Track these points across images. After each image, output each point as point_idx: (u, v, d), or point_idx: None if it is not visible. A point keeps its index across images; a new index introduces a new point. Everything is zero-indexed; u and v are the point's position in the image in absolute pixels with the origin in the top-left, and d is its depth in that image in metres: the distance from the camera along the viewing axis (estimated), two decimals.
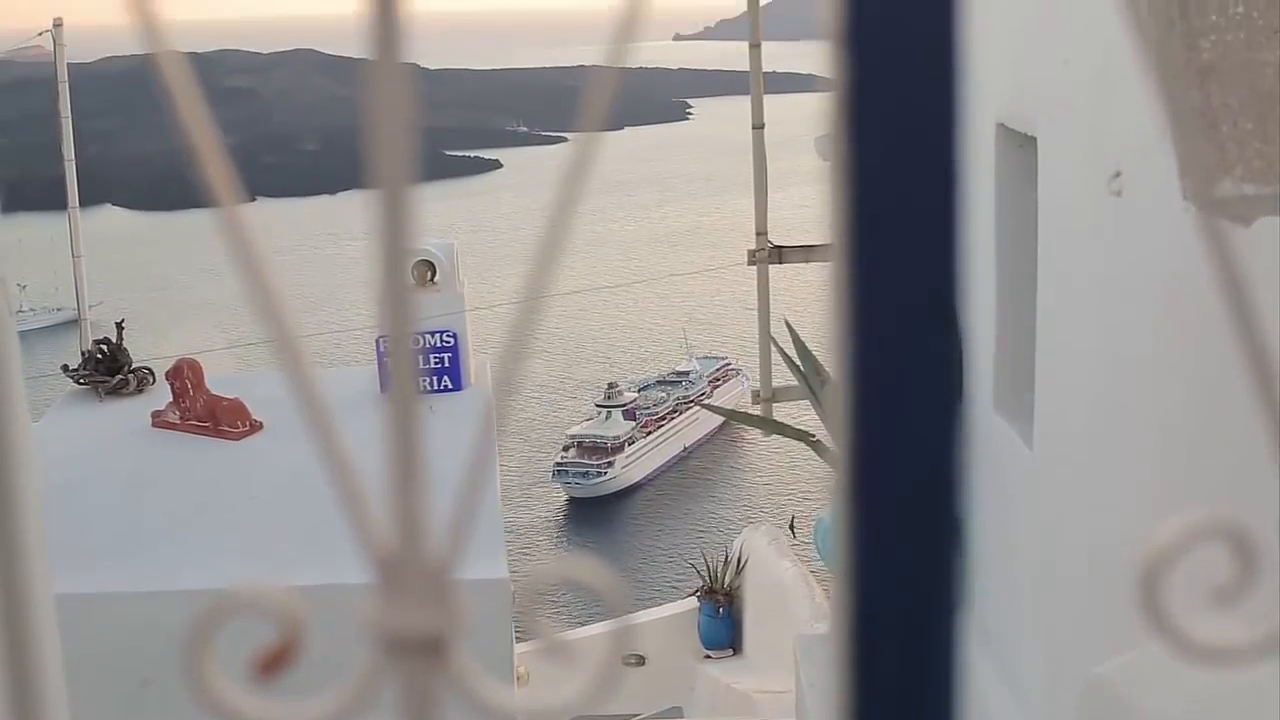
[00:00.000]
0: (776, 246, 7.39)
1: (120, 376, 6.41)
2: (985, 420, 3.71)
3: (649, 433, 45.06)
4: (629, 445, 44.09)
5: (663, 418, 45.84)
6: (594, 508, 42.67)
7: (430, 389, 6.01)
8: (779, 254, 7.38)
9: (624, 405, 45.59)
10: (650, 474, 44.35)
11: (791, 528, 8.94)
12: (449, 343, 6.16)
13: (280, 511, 4.92)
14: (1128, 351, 2.79)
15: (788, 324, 6.97)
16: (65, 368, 6.63)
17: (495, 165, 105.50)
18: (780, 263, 7.38)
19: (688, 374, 48.97)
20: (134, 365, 6.50)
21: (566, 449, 44.30)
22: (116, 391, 6.38)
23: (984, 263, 3.66)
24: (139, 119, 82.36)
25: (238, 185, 0.59)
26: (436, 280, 6.30)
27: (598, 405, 46.31)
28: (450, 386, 6.13)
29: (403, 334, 0.59)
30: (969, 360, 3.80)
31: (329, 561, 3.21)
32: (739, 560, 8.60)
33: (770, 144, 7.54)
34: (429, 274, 6.29)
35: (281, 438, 5.54)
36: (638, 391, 47.26)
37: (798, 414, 7.55)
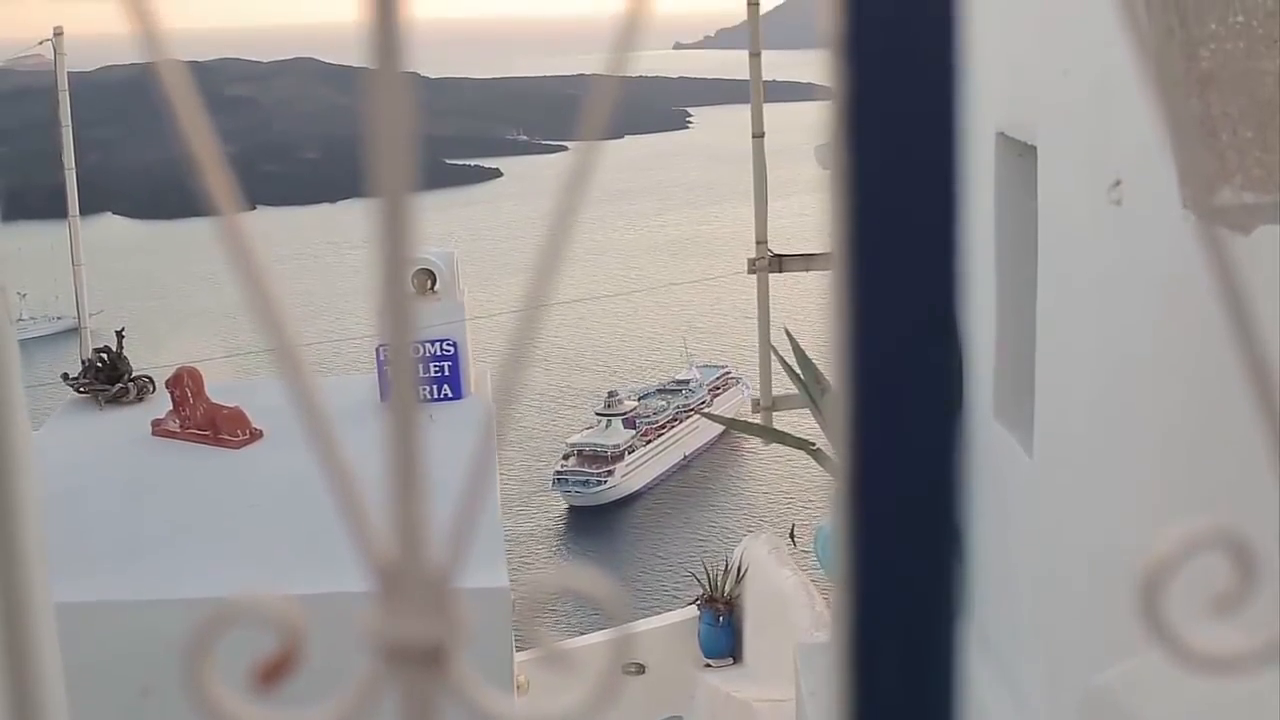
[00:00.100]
0: (777, 255, 7.39)
1: (120, 385, 6.41)
2: (985, 428, 3.71)
3: (649, 441, 45.01)
4: (629, 454, 44.04)
5: (663, 426, 45.78)
6: (594, 516, 42.61)
7: (430, 398, 6.00)
8: (779, 263, 7.38)
9: (624, 414, 45.55)
10: (650, 482, 44.29)
11: (792, 536, 8.91)
12: (449, 351, 6.15)
13: (280, 520, 4.92)
14: (1127, 360, 2.79)
15: (788, 332, 6.97)
16: (65, 376, 6.63)
17: (495, 174, 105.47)
18: (780, 271, 7.37)
19: (688, 382, 48.92)
20: (134, 374, 6.49)
21: (566, 457, 44.26)
22: (116, 400, 6.38)
23: (984, 271, 3.66)
24: (139, 128, 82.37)
25: (238, 194, 0.59)
26: (436, 289, 6.31)
27: (598, 414, 46.25)
28: (450, 395, 6.12)
29: (403, 342, 0.59)
30: (969, 368, 3.80)
31: (329, 570, 3.22)
32: (739, 569, 8.57)
33: (770, 153, 7.54)
34: (429, 282, 6.29)
35: (282, 446, 5.54)
36: (638, 400, 47.21)
37: (798, 423, 7.53)
